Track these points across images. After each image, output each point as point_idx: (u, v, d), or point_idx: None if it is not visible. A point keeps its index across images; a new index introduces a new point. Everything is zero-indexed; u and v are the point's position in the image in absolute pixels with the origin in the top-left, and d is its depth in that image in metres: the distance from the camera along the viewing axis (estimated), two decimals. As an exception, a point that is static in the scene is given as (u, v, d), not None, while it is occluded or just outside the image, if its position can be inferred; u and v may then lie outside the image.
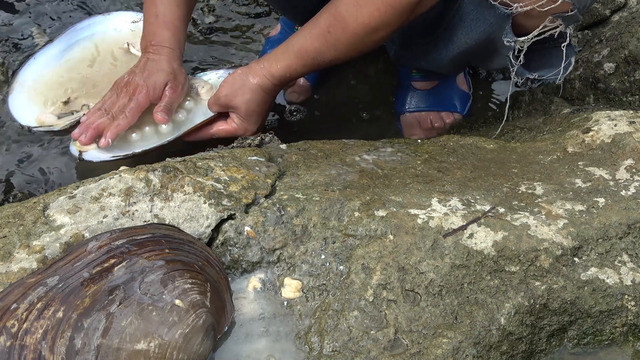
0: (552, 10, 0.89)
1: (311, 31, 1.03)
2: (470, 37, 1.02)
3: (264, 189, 0.82)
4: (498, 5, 0.92)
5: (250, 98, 1.10)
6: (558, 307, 0.74)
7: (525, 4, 0.90)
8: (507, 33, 0.95)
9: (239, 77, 1.11)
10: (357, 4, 0.95)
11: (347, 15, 0.96)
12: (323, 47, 1.02)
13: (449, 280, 0.74)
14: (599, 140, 0.93)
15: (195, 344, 0.65)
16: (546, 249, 0.76)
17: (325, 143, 0.99)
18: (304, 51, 1.04)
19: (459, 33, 1.03)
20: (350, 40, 0.99)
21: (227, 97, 1.11)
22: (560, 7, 0.88)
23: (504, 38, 0.95)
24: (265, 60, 1.09)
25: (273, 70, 1.07)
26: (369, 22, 0.95)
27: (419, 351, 0.70)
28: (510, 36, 0.95)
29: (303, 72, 1.08)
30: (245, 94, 1.10)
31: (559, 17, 0.91)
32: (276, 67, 1.07)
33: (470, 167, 0.92)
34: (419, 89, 1.39)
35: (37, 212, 0.76)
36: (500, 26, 0.95)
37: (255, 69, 1.09)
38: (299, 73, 1.08)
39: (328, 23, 1.00)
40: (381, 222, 0.77)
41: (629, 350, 0.76)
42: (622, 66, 1.16)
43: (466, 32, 1.02)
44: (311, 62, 1.05)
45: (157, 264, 0.66)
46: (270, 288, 0.75)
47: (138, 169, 0.81)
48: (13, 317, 0.61)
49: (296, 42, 1.05)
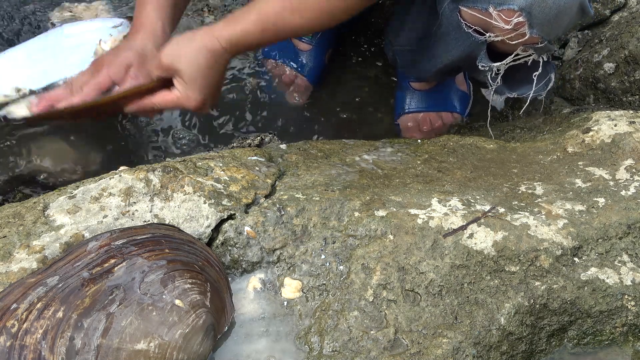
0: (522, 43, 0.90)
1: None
2: (451, 54, 1.03)
3: (264, 189, 0.82)
4: (472, 33, 0.93)
5: (193, 59, 0.94)
6: (558, 307, 0.74)
7: (497, 35, 0.91)
8: (481, 58, 0.96)
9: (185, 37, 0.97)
10: None
11: None
12: (286, 12, 0.91)
13: (449, 280, 0.74)
14: (599, 140, 0.93)
15: (195, 344, 0.65)
16: (546, 249, 0.76)
17: (325, 143, 0.99)
18: (264, 14, 0.92)
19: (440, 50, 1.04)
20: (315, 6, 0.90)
21: (168, 58, 0.96)
22: (530, 39, 0.89)
23: (478, 63, 0.96)
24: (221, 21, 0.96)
25: (226, 33, 0.94)
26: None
27: (419, 351, 0.70)
28: (485, 61, 0.96)
29: (261, 39, 0.96)
30: (188, 55, 0.95)
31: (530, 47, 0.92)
32: (231, 30, 0.94)
33: (470, 167, 0.92)
34: (417, 90, 1.39)
35: (37, 212, 0.76)
36: (477, 48, 0.96)
37: (205, 29, 0.96)
38: (257, 40, 0.96)
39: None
40: (381, 222, 0.77)
41: (629, 350, 0.76)
42: (622, 66, 1.16)
43: (447, 49, 1.02)
44: (272, 27, 0.93)
45: (157, 264, 0.66)
46: (270, 288, 0.75)
47: (138, 169, 0.81)
48: (13, 317, 0.61)
49: (256, 4, 0.93)
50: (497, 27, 0.89)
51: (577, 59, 1.28)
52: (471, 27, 0.93)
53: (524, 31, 0.87)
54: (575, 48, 1.34)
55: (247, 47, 0.97)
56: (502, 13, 0.87)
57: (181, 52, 0.95)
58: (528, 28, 0.87)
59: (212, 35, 0.93)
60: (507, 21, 0.87)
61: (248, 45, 0.97)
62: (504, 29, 0.88)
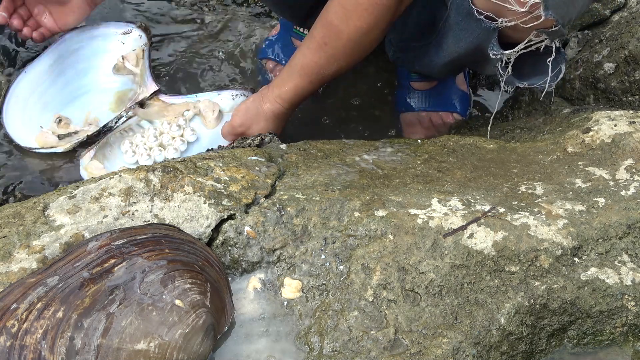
0: (536, 26, 0.90)
1: (309, 46, 1.04)
2: (459, 46, 1.03)
3: (264, 189, 0.82)
4: (483, 19, 0.93)
5: (264, 126, 1.11)
6: (558, 307, 0.74)
7: (510, 20, 0.91)
8: (492, 46, 0.96)
9: (252, 104, 1.12)
10: (344, 9, 0.96)
11: (339, 23, 0.97)
12: (323, 60, 1.03)
13: (449, 280, 0.74)
14: (599, 140, 0.93)
15: (195, 344, 0.65)
16: (546, 249, 0.76)
17: (325, 143, 0.99)
18: (306, 68, 1.05)
19: (449, 41, 1.04)
20: (347, 46, 1.00)
21: (243, 127, 1.13)
22: (544, 22, 0.89)
23: (489, 51, 0.96)
24: (274, 85, 1.10)
25: (283, 95, 1.08)
26: (360, 24, 0.96)
27: (419, 351, 0.70)
28: (496, 49, 0.96)
29: (311, 89, 1.09)
30: (260, 122, 1.11)
31: (543, 32, 0.92)
32: (285, 90, 1.08)
33: (470, 167, 0.92)
34: (417, 89, 1.39)
35: (37, 212, 0.76)
36: (487, 37, 0.96)
37: (267, 95, 1.10)
38: (308, 91, 1.09)
39: (322, 34, 1.01)
40: (381, 222, 0.77)
41: (629, 350, 0.76)
42: (622, 66, 1.16)
43: (455, 41, 1.02)
44: (316, 77, 1.05)
45: (157, 264, 0.66)
46: (270, 288, 0.75)
47: (138, 169, 0.81)
48: (13, 317, 0.61)
49: (297, 60, 1.06)
50: (512, 10, 0.88)
51: (577, 59, 1.28)
52: (483, 13, 0.92)
53: (540, 13, 0.87)
54: (575, 48, 1.34)
55: (302, 99, 1.11)
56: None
57: (252, 121, 1.12)
58: (543, 10, 0.86)
59: (274, 100, 1.09)
60: (523, 3, 0.87)
61: (302, 98, 1.10)
62: (519, 12, 0.88)
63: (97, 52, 1.33)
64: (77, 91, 1.31)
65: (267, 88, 1.11)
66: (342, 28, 0.97)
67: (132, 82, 1.31)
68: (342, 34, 0.98)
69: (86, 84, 1.32)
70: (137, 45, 1.32)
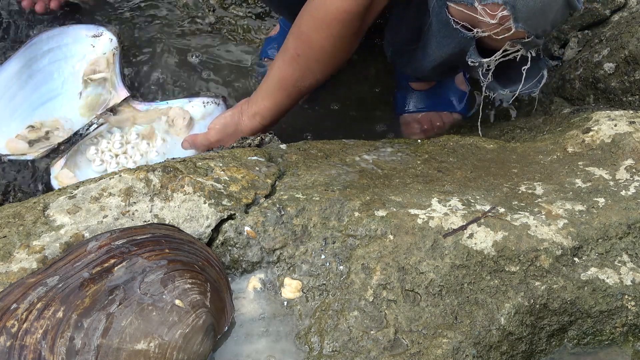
0: (509, 37, 0.91)
1: (283, 59, 1.04)
2: (443, 51, 1.03)
3: (264, 189, 0.82)
4: (460, 29, 0.94)
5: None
6: (558, 307, 0.74)
7: (484, 30, 0.91)
8: (471, 54, 0.96)
9: (231, 120, 1.11)
10: (314, 19, 0.96)
11: (310, 33, 0.98)
12: (297, 72, 1.03)
13: (449, 280, 0.74)
14: (599, 140, 0.93)
15: (195, 344, 0.65)
16: (546, 249, 0.76)
17: (325, 143, 0.99)
18: (283, 81, 1.05)
19: (433, 47, 1.05)
20: (319, 56, 1.00)
21: (220, 143, 1.12)
22: (516, 34, 0.90)
23: (467, 59, 0.97)
24: (253, 102, 1.09)
25: (262, 111, 1.08)
26: (330, 32, 0.96)
27: (419, 351, 0.70)
28: (474, 57, 0.97)
29: (290, 103, 1.08)
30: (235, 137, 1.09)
31: (518, 42, 0.92)
32: (264, 106, 1.08)
33: (470, 167, 0.92)
34: (416, 90, 1.39)
35: (37, 212, 0.76)
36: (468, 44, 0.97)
37: (246, 112, 1.10)
38: (287, 105, 1.09)
39: (295, 45, 1.01)
40: (381, 222, 0.77)
41: (629, 350, 0.76)
42: (622, 66, 1.16)
43: (439, 47, 1.03)
44: (294, 90, 1.05)
45: (157, 264, 0.66)
46: (270, 288, 0.75)
47: (138, 169, 0.81)
48: (13, 317, 0.61)
49: (274, 74, 1.06)
50: (483, 22, 0.89)
51: (577, 59, 1.28)
52: (459, 23, 0.93)
53: (510, 25, 0.88)
54: (575, 48, 1.34)
55: (281, 113, 1.10)
56: (487, 7, 0.87)
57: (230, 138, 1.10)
58: (513, 22, 0.87)
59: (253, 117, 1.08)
60: (492, 15, 0.88)
61: (281, 112, 1.10)
62: (490, 24, 0.89)
63: (67, 55, 1.31)
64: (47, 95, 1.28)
65: (247, 103, 1.11)
66: (313, 38, 0.98)
67: (102, 88, 1.29)
68: (314, 44, 0.98)
69: (55, 87, 1.29)
70: (107, 49, 1.30)
